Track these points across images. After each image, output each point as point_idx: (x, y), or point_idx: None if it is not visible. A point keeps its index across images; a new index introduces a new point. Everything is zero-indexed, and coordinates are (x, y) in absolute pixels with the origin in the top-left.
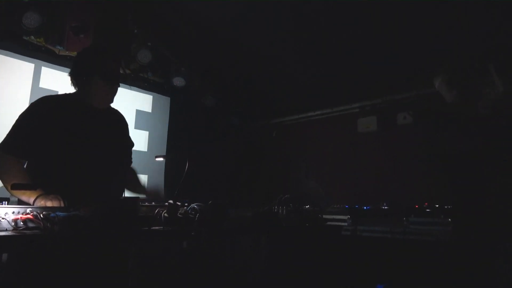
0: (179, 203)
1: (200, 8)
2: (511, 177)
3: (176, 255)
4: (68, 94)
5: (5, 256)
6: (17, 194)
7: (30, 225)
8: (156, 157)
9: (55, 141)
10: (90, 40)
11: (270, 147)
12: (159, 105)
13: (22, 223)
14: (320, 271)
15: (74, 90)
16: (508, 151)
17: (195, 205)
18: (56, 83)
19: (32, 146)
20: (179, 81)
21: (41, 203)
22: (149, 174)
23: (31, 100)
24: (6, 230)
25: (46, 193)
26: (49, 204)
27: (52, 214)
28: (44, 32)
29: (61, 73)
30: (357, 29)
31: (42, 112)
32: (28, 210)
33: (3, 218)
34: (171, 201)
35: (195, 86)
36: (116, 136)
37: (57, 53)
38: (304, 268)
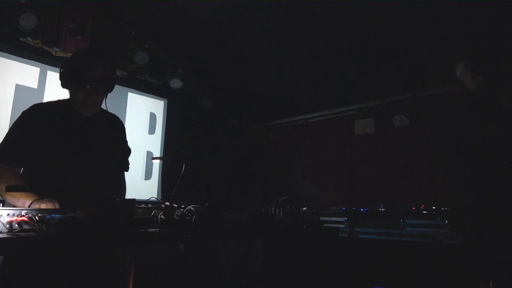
0: (176, 205)
1: (198, 10)
2: None
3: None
4: (62, 101)
5: (0, 259)
6: (12, 201)
7: (25, 227)
8: (153, 159)
9: (48, 148)
10: (87, 42)
11: (267, 149)
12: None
13: (17, 225)
14: (317, 273)
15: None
16: None
17: (192, 207)
18: (53, 85)
19: (25, 155)
20: (176, 83)
21: (36, 207)
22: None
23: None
24: (1, 233)
25: (41, 198)
26: (44, 207)
27: (48, 216)
28: (41, 34)
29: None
30: (354, 31)
31: (34, 120)
32: (23, 212)
33: None
34: (168, 203)
35: (192, 88)
36: (110, 141)
37: (54, 55)
38: (301, 270)
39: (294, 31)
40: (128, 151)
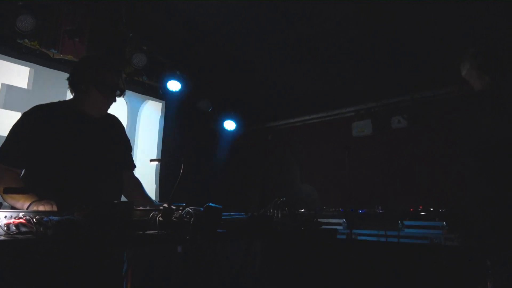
0: (174, 207)
1: (195, 12)
2: None
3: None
4: (62, 102)
5: None
6: (11, 202)
7: (23, 230)
8: (151, 161)
9: (50, 149)
10: (85, 44)
11: (265, 151)
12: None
13: (15, 228)
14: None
15: (70, 97)
16: None
17: (190, 209)
18: (50, 86)
19: (26, 156)
20: (174, 85)
21: (34, 209)
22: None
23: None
24: None
25: (40, 199)
26: (42, 209)
27: (46, 218)
28: (38, 36)
29: (55, 77)
30: (352, 34)
31: (35, 121)
32: (21, 215)
33: None
34: (166, 205)
35: (190, 90)
36: (112, 141)
37: (51, 57)
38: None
39: (292, 33)
40: (130, 149)
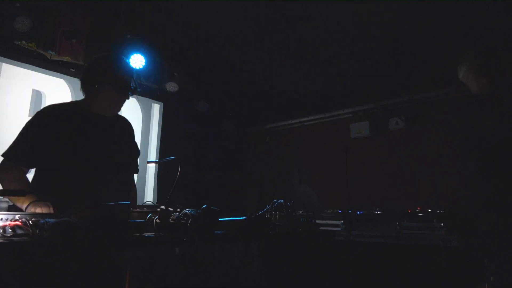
0: (171, 209)
1: (193, 14)
2: None
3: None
4: (74, 102)
5: None
6: (13, 200)
7: (19, 232)
8: (148, 163)
9: (60, 148)
10: (83, 45)
11: (263, 153)
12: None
13: (11, 230)
14: (314, 276)
15: (82, 98)
16: None
17: (187, 211)
18: (48, 87)
19: (36, 155)
20: (172, 86)
21: (31, 210)
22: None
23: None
24: None
25: (39, 200)
26: (39, 211)
27: (42, 221)
28: (36, 37)
29: (53, 78)
30: (350, 36)
31: (47, 121)
32: (17, 217)
33: None
34: (163, 207)
35: (188, 91)
36: (122, 143)
37: (49, 58)
38: (298, 274)
39: (290, 35)
40: (138, 153)
